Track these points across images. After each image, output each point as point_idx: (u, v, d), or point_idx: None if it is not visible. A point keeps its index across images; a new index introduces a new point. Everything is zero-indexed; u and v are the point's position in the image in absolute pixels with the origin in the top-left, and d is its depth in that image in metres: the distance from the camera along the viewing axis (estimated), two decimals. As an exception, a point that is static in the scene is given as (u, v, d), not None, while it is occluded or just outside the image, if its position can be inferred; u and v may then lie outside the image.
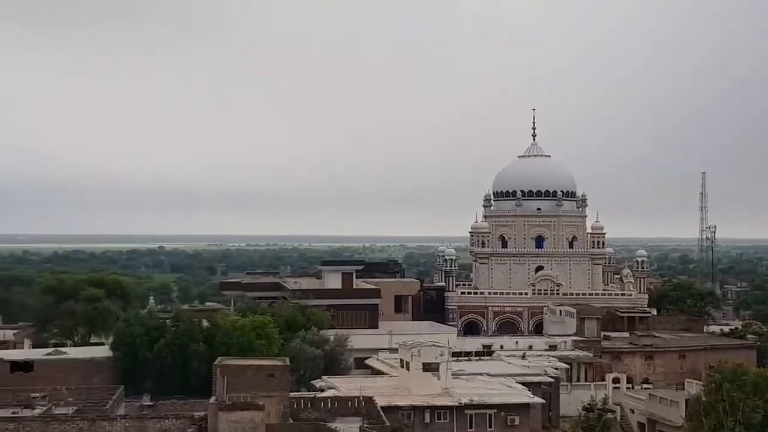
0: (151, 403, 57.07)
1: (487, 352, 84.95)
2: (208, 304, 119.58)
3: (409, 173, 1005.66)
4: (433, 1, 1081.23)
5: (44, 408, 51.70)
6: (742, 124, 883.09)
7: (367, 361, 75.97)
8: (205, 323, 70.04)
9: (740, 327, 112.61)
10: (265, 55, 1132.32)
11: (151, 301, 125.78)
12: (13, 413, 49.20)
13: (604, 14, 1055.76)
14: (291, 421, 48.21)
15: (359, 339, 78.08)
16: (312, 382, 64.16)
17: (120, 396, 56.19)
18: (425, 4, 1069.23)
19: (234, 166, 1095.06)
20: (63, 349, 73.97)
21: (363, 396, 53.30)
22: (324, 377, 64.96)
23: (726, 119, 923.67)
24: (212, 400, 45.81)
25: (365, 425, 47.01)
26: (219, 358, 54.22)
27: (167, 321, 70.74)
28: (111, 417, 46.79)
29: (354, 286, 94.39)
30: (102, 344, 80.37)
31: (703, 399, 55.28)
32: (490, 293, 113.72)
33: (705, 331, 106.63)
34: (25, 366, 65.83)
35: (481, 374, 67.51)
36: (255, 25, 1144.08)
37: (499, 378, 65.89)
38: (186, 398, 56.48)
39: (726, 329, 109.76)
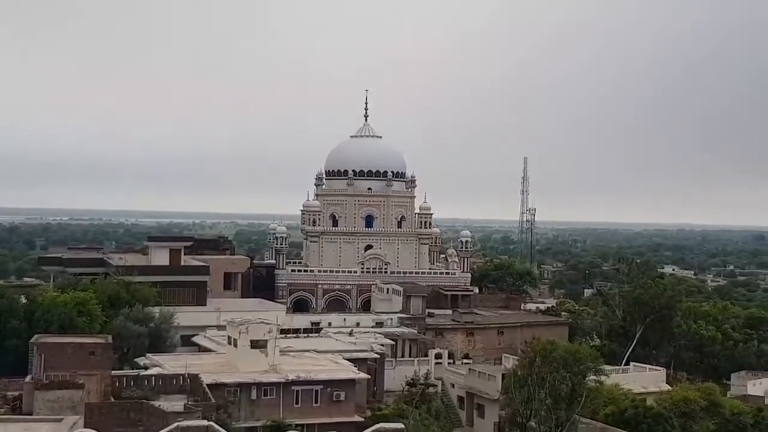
0: (-38, 383, 54.34)
1: (315, 329, 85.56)
2: (26, 279, 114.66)
3: (240, 146, 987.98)
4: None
5: None
6: (566, 115, 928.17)
7: (194, 339, 75.17)
8: (22, 299, 67.07)
9: (555, 305, 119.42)
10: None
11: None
12: None
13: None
14: (113, 399, 47.19)
15: (186, 316, 77.03)
16: (136, 359, 62.85)
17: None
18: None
19: (52, 133, 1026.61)
20: None
21: (188, 374, 52.78)
22: (149, 355, 63.77)
23: (550, 109, 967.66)
24: (28, 378, 44.31)
25: (190, 403, 46.65)
26: (36, 335, 52.28)
27: (-20, 297, 67.20)
28: None
29: (182, 263, 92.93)
30: None
31: (519, 373, 58.28)
32: (320, 271, 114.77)
33: (522, 308, 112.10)
34: None
35: (308, 351, 68.22)
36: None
37: (326, 354, 66.85)
38: (1, 377, 54.20)
39: (542, 307, 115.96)
